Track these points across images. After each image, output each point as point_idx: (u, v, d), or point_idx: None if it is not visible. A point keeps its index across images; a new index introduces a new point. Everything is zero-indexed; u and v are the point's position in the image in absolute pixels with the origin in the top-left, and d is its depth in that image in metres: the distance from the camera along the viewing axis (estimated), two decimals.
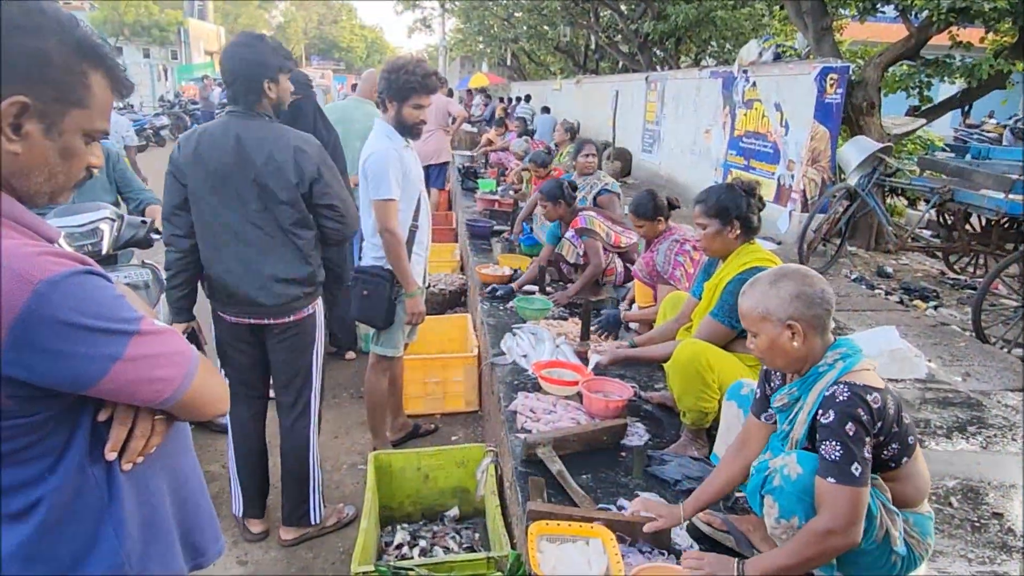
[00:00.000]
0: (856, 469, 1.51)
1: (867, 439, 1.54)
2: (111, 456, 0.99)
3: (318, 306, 2.64)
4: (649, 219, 3.41)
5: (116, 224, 3.07)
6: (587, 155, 5.09)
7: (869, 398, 1.56)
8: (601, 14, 17.48)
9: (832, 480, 1.52)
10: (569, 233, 4.23)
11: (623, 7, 15.57)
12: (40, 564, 0.97)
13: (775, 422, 1.85)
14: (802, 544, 1.58)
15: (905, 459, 1.65)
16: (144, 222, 3.24)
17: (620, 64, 17.84)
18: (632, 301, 3.90)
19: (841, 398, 1.57)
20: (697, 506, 1.93)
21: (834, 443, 1.54)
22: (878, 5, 7.25)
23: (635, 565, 1.81)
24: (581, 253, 4.19)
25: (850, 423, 1.53)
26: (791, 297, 1.67)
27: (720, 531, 2.00)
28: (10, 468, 0.93)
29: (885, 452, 1.63)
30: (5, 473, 0.93)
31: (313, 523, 2.76)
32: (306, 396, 2.68)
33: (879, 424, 1.57)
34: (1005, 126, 13.44)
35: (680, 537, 1.99)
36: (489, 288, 4.38)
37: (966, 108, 11.10)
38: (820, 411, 1.61)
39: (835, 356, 1.68)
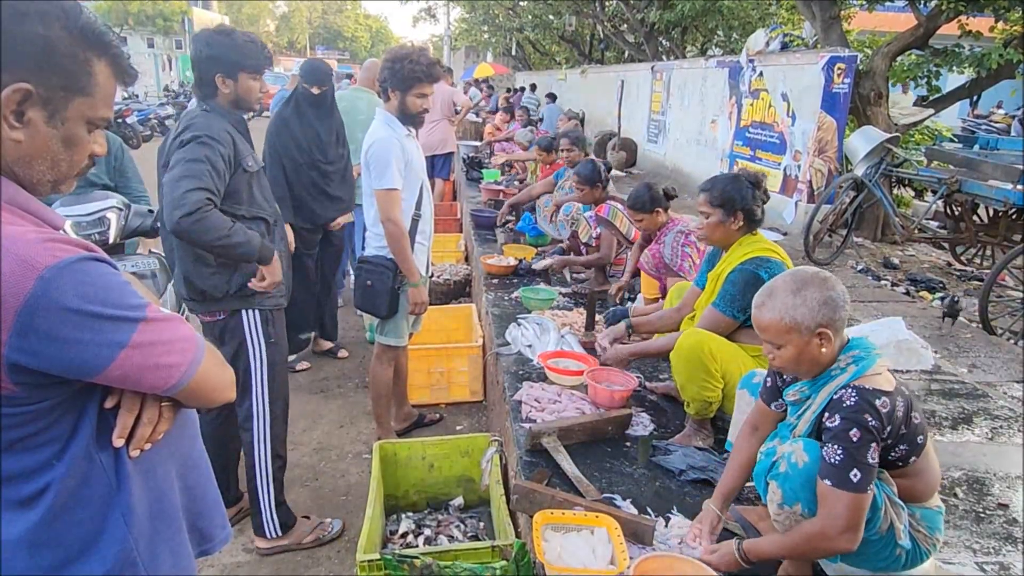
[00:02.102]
0: (855, 476, 1.49)
1: (873, 444, 1.52)
2: (119, 443, 1.00)
3: (248, 315, 2.44)
4: (647, 212, 3.40)
5: (124, 213, 3.08)
6: (563, 150, 4.96)
7: (878, 403, 1.53)
8: (607, 3, 17.36)
9: (829, 483, 1.52)
10: (589, 213, 4.19)
11: None
12: (48, 550, 0.97)
13: (784, 411, 1.85)
14: (796, 540, 1.60)
15: (913, 458, 1.63)
16: (151, 211, 3.24)
17: (626, 54, 17.73)
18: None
19: (848, 403, 1.55)
20: (724, 499, 1.93)
21: (836, 447, 1.53)
22: None
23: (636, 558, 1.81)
24: (595, 236, 4.16)
25: (855, 429, 1.51)
26: (819, 304, 1.62)
27: (729, 521, 2.02)
28: (17, 455, 0.93)
29: (892, 453, 1.62)
30: (13, 460, 0.93)
31: (268, 536, 2.66)
32: (246, 406, 2.54)
33: (887, 428, 1.55)
34: (1013, 117, 13.36)
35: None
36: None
37: (974, 98, 11.00)
38: (826, 414, 1.60)
39: (848, 359, 1.65)
